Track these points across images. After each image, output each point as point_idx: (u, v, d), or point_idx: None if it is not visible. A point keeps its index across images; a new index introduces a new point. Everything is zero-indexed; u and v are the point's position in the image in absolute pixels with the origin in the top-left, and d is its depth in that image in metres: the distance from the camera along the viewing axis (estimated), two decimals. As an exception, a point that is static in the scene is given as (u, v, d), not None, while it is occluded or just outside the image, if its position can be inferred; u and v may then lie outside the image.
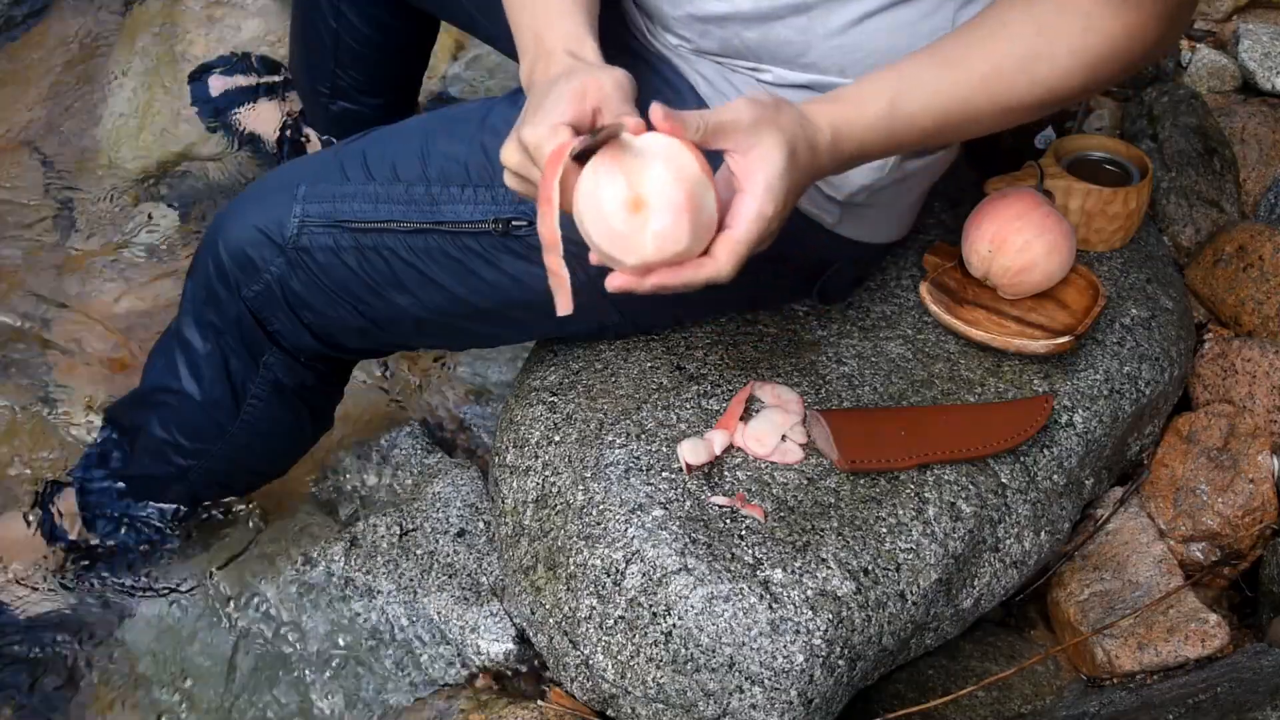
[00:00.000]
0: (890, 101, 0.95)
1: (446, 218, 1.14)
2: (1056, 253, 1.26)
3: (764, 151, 0.89)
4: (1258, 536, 1.33)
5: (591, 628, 1.15)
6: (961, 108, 0.96)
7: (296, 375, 1.26)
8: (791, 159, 0.90)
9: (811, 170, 0.93)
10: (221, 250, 1.20)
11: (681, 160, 0.89)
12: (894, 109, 0.95)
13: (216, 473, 1.34)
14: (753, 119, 0.89)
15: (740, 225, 0.90)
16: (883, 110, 0.95)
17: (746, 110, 0.90)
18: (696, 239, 0.90)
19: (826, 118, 0.94)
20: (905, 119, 0.96)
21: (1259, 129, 1.66)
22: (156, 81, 1.92)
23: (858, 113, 0.95)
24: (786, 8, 1.02)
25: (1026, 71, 0.95)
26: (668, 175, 0.88)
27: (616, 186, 0.88)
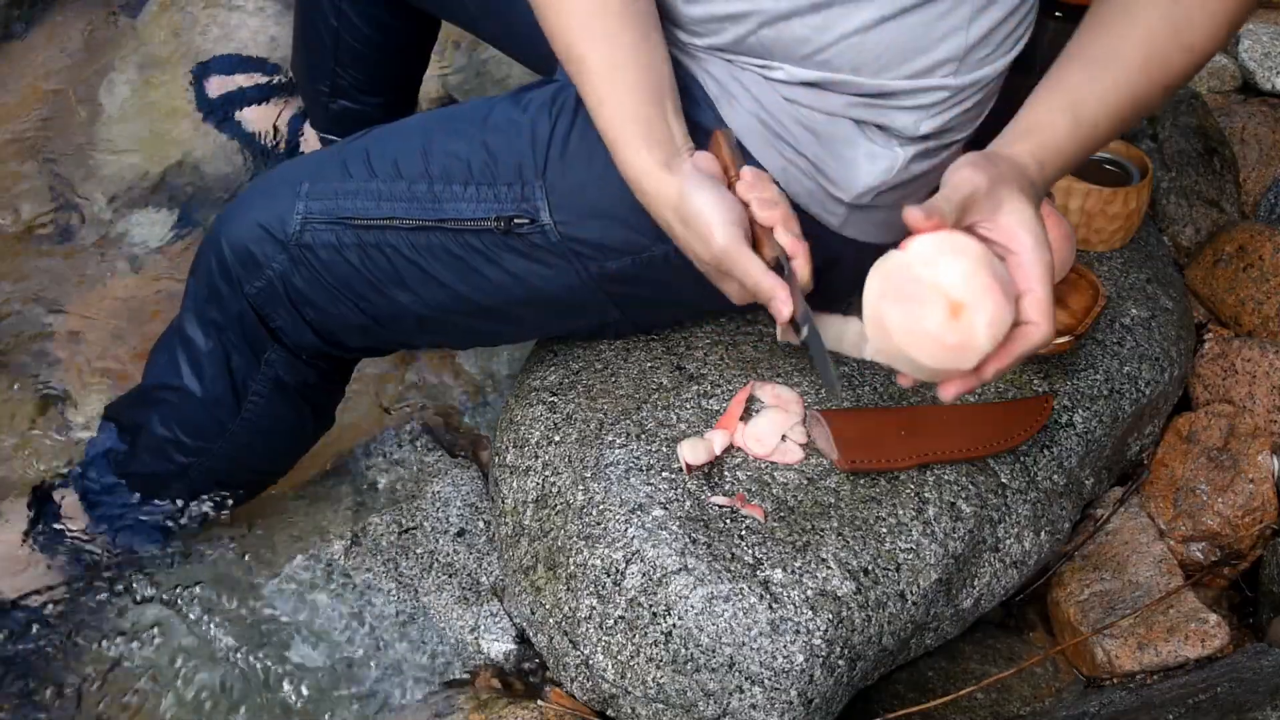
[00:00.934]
0: (1072, 118, 0.97)
1: (449, 215, 1.14)
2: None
3: (1013, 208, 0.91)
4: (1258, 536, 1.33)
5: (591, 628, 1.15)
6: (1133, 100, 0.98)
7: (298, 373, 1.26)
8: (1033, 205, 0.92)
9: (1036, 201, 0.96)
10: (224, 247, 1.20)
11: (965, 245, 0.90)
12: (1077, 123, 0.97)
13: (217, 470, 1.34)
14: (989, 183, 0.91)
15: (1038, 285, 0.91)
16: (1069, 127, 0.97)
17: (979, 178, 0.91)
18: (1013, 308, 0.90)
19: (1028, 154, 0.96)
20: (1089, 127, 0.98)
21: (1259, 129, 1.66)
22: (156, 81, 1.92)
23: (1051, 139, 0.97)
24: (806, 6, 1.02)
25: (1178, 44, 0.97)
26: (962, 266, 0.89)
27: (930, 307, 0.89)
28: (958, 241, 0.90)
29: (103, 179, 1.81)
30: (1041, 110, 0.98)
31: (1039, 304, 0.92)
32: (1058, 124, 0.97)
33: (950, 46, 1.04)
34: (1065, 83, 0.98)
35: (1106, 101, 0.97)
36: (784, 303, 0.98)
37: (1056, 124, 0.97)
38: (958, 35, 1.04)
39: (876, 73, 1.04)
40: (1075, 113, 0.97)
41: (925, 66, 1.05)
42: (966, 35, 1.04)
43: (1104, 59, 0.98)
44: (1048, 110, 0.98)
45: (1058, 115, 0.97)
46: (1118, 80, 0.97)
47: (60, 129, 1.87)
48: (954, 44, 1.04)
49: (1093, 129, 0.98)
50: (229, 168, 1.83)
